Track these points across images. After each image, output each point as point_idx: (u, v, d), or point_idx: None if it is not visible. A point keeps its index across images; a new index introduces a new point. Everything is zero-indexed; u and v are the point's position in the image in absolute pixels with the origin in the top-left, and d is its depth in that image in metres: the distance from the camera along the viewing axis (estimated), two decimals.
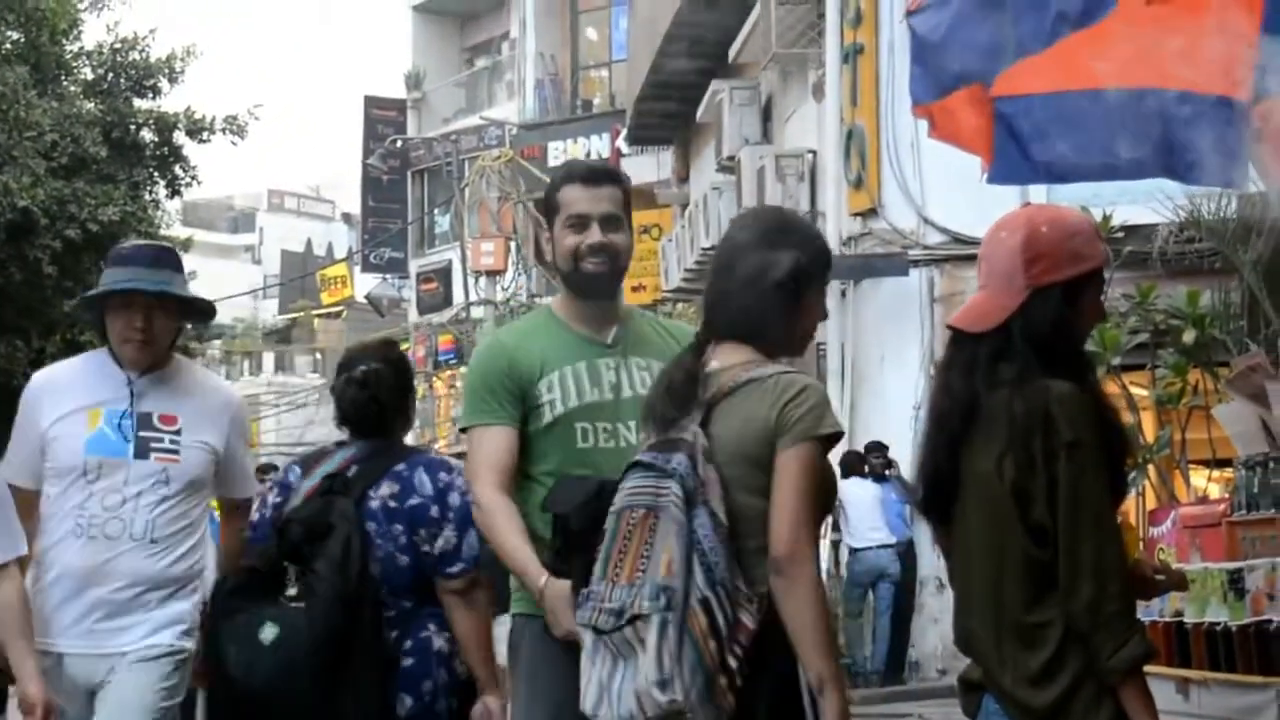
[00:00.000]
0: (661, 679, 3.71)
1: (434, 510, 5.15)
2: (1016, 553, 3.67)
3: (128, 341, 5.31)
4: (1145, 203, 11.05)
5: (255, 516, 5.41)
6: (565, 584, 4.17)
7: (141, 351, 5.31)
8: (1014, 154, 4.74)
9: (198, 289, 5.89)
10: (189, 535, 5.36)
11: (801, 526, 3.85)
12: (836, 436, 3.93)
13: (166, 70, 23.36)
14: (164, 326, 5.35)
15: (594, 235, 4.69)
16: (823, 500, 3.94)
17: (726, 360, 4.02)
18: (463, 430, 4.84)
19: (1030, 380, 3.70)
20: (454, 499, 5.16)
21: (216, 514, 6.16)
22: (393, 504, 5.14)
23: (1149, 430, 10.62)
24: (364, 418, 5.29)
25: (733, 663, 3.78)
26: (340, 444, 5.34)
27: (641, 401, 4.28)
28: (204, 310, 5.60)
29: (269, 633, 4.92)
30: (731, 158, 19.29)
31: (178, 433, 5.32)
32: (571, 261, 4.72)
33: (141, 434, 5.28)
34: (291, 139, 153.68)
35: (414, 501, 5.15)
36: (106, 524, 5.23)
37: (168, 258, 5.43)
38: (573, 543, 4.15)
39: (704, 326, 4.13)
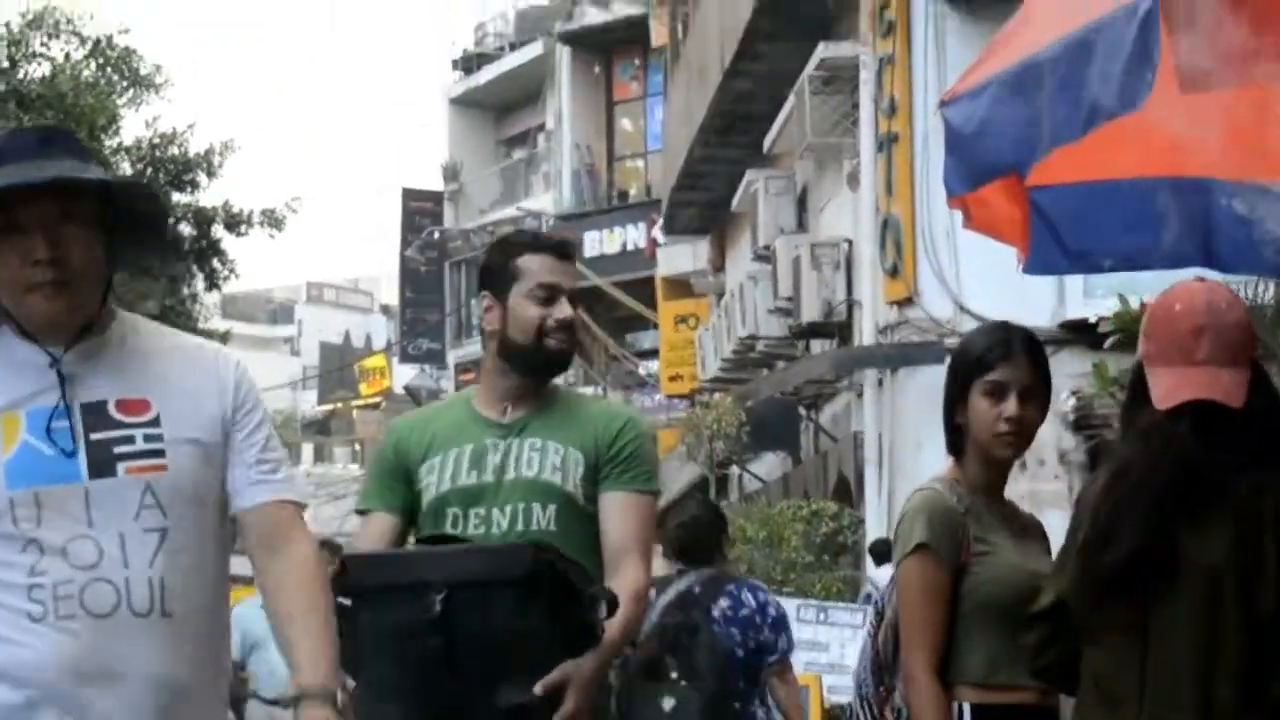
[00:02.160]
0: None
1: (758, 618, 7.07)
2: (1234, 649, 3.51)
3: (31, 289, 3.20)
4: None
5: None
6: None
7: (56, 298, 3.18)
8: (1050, 243, 4.70)
9: None
10: (217, 598, 3.34)
11: (907, 646, 4.00)
12: (921, 548, 3.98)
13: (205, 164, 23.53)
14: (85, 249, 3.20)
15: (564, 310, 4.34)
16: (930, 612, 4.00)
17: None
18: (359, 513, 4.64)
19: (1266, 465, 3.57)
20: (770, 610, 7.13)
21: None
22: (729, 613, 7.03)
23: None
24: (696, 551, 7.21)
25: None
26: (680, 571, 7.18)
27: (527, 484, 4.28)
28: (154, 218, 3.42)
29: (668, 703, 6.85)
30: (767, 247, 19.31)
31: (154, 423, 3.23)
32: (534, 336, 4.33)
33: (95, 436, 3.19)
34: (330, 232, 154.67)
35: (744, 612, 7.05)
36: (86, 592, 3.12)
37: (65, 140, 3.34)
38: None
39: None
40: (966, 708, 3.97)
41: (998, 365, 4.09)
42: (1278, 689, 3.48)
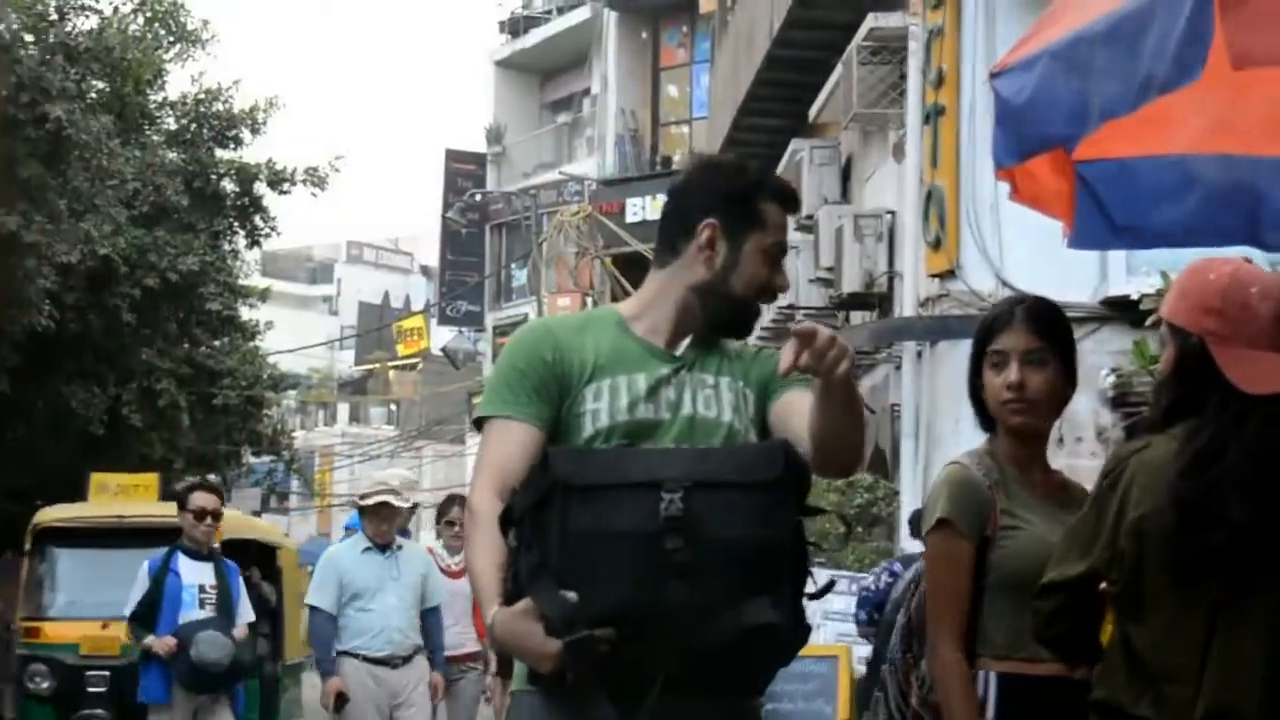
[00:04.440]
0: None
1: None
2: None
3: None
4: None
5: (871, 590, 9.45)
6: (519, 605, 3.34)
7: None
8: (1096, 218, 4.69)
9: (276, 340, 4.60)
10: None
11: (931, 619, 4.09)
12: (942, 523, 4.06)
13: (249, 121, 23.66)
14: None
15: (785, 278, 3.94)
16: (952, 585, 4.06)
17: None
18: (478, 423, 3.84)
19: None
20: None
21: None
22: None
23: None
24: None
25: None
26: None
27: (705, 424, 3.75)
28: None
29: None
30: (810, 216, 19.24)
31: None
32: (754, 294, 3.87)
33: None
34: (371, 191, 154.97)
35: None
36: None
37: None
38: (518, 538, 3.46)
39: None
40: (993, 676, 4.02)
41: (998, 335, 4.18)
42: None
